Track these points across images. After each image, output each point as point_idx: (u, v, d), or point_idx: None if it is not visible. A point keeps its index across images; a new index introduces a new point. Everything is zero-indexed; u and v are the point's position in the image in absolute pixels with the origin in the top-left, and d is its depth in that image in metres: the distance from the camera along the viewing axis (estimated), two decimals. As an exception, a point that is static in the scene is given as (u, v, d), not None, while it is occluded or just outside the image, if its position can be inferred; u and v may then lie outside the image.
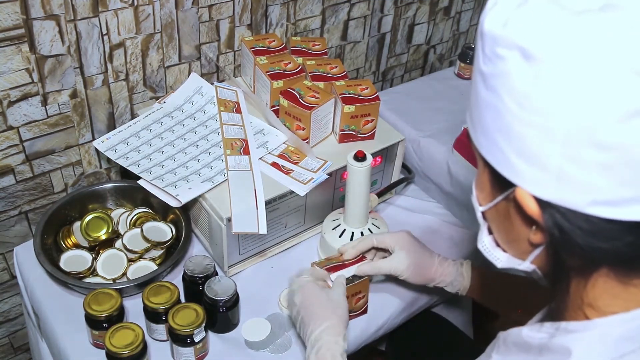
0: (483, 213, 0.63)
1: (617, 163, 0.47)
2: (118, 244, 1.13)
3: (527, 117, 0.49)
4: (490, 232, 0.65)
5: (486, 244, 0.64)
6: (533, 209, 0.53)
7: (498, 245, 0.64)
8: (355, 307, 1.04)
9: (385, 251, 1.03)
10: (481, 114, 0.55)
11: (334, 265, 1.00)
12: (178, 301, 0.99)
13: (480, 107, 0.55)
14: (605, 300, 0.55)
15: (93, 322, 0.96)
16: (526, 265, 0.60)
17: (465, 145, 1.39)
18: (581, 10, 0.47)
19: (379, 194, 1.23)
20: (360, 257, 1.03)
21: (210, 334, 1.01)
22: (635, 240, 0.50)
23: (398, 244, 1.01)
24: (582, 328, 0.55)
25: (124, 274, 1.08)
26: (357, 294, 1.03)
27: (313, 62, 1.28)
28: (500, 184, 0.56)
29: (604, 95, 0.45)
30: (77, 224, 1.15)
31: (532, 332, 0.59)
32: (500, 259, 0.63)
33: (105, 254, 1.09)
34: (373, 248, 1.04)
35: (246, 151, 1.14)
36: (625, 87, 0.45)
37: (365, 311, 1.08)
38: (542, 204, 0.52)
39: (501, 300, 1.01)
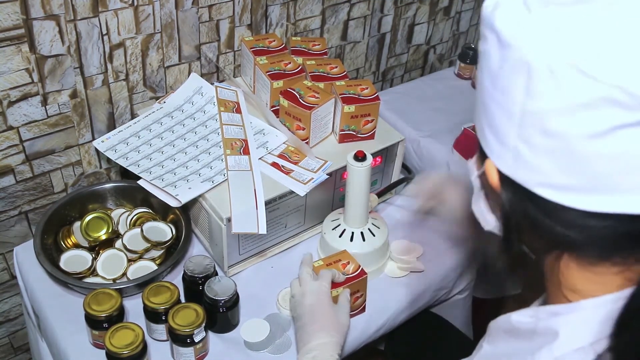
0: (479, 177, 0.66)
1: (560, 151, 0.49)
2: (118, 244, 1.13)
3: (496, 96, 0.53)
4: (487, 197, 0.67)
5: (481, 207, 0.66)
6: (494, 179, 0.57)
7: (492, 212, 0.66)
8: (353, 306, 1.04)
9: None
10: (477, 87, 0.59)
11: (333, 282, 0.99)
12: (178, 301, 0.99)
13: (477, 83, 0.60)
14: (584, 284, 0.56)
15: (93, 322, 0.96)
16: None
17: (465, 145, 1.40)
18: (553, 2, 0.49)
19: (379, 194, 1.23)
20: (361, 272, 1.03)
21: (210, 334, 1.01)
22: (586, 227, 0.52)
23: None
24: (568, 310, 0.56)
25: (124, 274, 1.08)
26: (355, 293, 1.03)
27: (313, 62, 1.28)
28: (483, 154, 0.60)
29: (553, 86, 0.48)
30: (77, 224, 1.15)
31: (520, 316, 0.61)
32: (489, 222, 0.65)
33: (105, 254, 1.09)
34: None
35: (246, 151, 1.14)
36: (570, 81, 0.47)
37: (363, 309, 1.08)
38: (502, 177, 0.56)
39: None
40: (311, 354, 0.85)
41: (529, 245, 0.60)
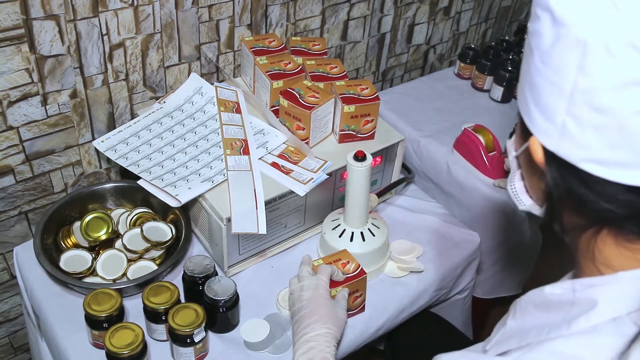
0: (517, 158, 0.67)
1: (609, 127, 0.50)
2: (118, 244, 1.13)
3: (546, 73, 0.54)
4: (522, 178, 0.68)
5: (516, 188, 0.68)
6: (539, 156, 0.57)
7: (527, 192, 0.67)
8: (352, 306, 1.05)
9: None
10: (522, 67, 0.60)
11: (333, 280, 1.00)
12: (178, 301, 0.99)
13: (523, 62, 0.60)
14: (620, 260, 0.57)
15: (93, 322, 0.96)
16: (540, 211, 0.65)
17: (465, 145, 1.40)
18: None
19: (379, 194, 1.23)
20: (360, 271, 1.03)
21: (210, 334, 1.01)
22: (627, 201, 0.53)
23: None
24: (606, 282, 0.57)
25: (124, 274, 1.08)
26: (354, 293, 1.03)
27: (313, 62, 1.28)
28: (526, 132, 0.60)
29: (608, 64, 0.49)
30: (77, 224, 1.15)
31: (555, 289, 0.61)
32: (525, 203, 0.67)
33: (105, 254, 1.09)
34: None
35: (246, 151, 1.14)
36: (626, 59, 0.48)
37: (363, 309, 1.08)
38: (548, 155, 0.56)
39: None
40: (308, 344, 0.86)
41: (567, 222, 0.60)
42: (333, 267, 0.99)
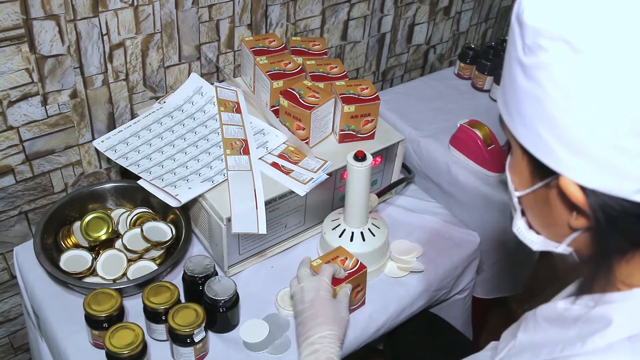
0: (519, 198, 0.62)
1: None
2: (118, 244, 1.13)
3: (573, 108, 0.50)
4: (522, 214, 0.65)
5: (520, 227, 0.64)
6: (578, 196, 0.53)
7: (531, 227, 0.64)
8: (354, 301, 1.05)
9: None
10: (520, 103, 0.55)
11: (335, 278, 1.00)
12: (178, 301, 0.99)
13: (519, 97, 0.55)
14: (638, 276, 0.55)
15: (93, 322, 0.96)
16: (563, 247, 0.60)
17: (462, 142, 1.39)
18: (626, 2, 0.47)
19: (379, 194, 1.23)
20: (360, 266, 1.03)
21: (210, 334, 1.01)
22: None
23: None
24: (622, 298, 0.56)
25: (124, 274, 1.08)
26: (356, 287, 1.03)
27: (313, 62, 1.28)
28: (541, 171, 0.56)
29: None
30: (77, 224, 1.15)
31: (568, 304, 0.59)
32: (535, 241, 0.63)
33: (105, 254, 1.09)
34: None
35: (246, 151, 1.14)
36: None
37: (363, 303, 1.08)
38: (587, 191, 0.52)
39: None
40: (313, 347, 0.86)
41: (598, 247, 0.57)
42: (335, 266, 0.99)
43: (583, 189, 0.52)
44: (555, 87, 0.50)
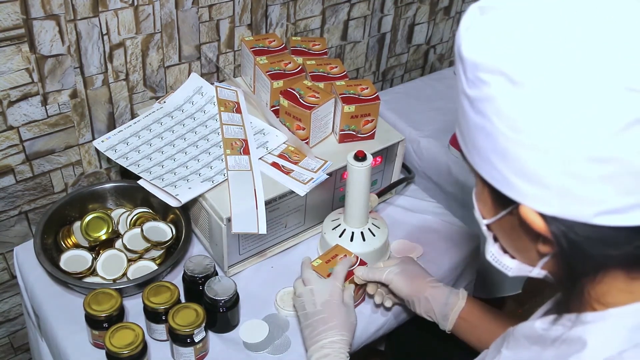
0: (487, 225, 0.63)
1: (618, 174, 0.47)
2: (118, 244, 1.13)
3: (521, 140, 0.50)
4: (495, 239, 0.65)
5: (494, 254, 0.64)
6: (539, 224, 0.53)
7: (506, 252, 0.64)
8: (355, 297, 1.05)
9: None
10: (472, 135, 0.55)
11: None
12: (178, 301, 0.99)
13: (470, 129, 0.55)
14: (613, 295, 0.55)
15: (93, 322, 0.96)
16: (537, 271, 0.61)
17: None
18: (560, 32, 0.47)
19: (379, 194, 1.23)
20: (361, 262, 1.03)
21: (210, 334, 1.01)
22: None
23: (398, 266, 1.02)
24: (597, 318, 0.55)
25: (124, 274, 1.08)
26: (356, 286, 1.04)
27: (313, 62, 1.28)
28: (502, 200, 0.56)
29: (596, 112, 0.46)
30: (77, 224, 1.15)
31: (545, 324, 0.59)
32: (510, 266, 0.63)
33: (105, 254, 1.09)
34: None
35: (246, 151, 1.14)
36: (615, 101, 0.45)
37: (364, 299, 1.09)
38: (548, 218, 0.52)
39: (483, 340, 0.95)
40: (323, 350, 0.88)
41: (566, 271, 0.57)
42: (345, 265, 1.00)
43: (543, 216, 0.52)
44: (501, 120, 0.50)
